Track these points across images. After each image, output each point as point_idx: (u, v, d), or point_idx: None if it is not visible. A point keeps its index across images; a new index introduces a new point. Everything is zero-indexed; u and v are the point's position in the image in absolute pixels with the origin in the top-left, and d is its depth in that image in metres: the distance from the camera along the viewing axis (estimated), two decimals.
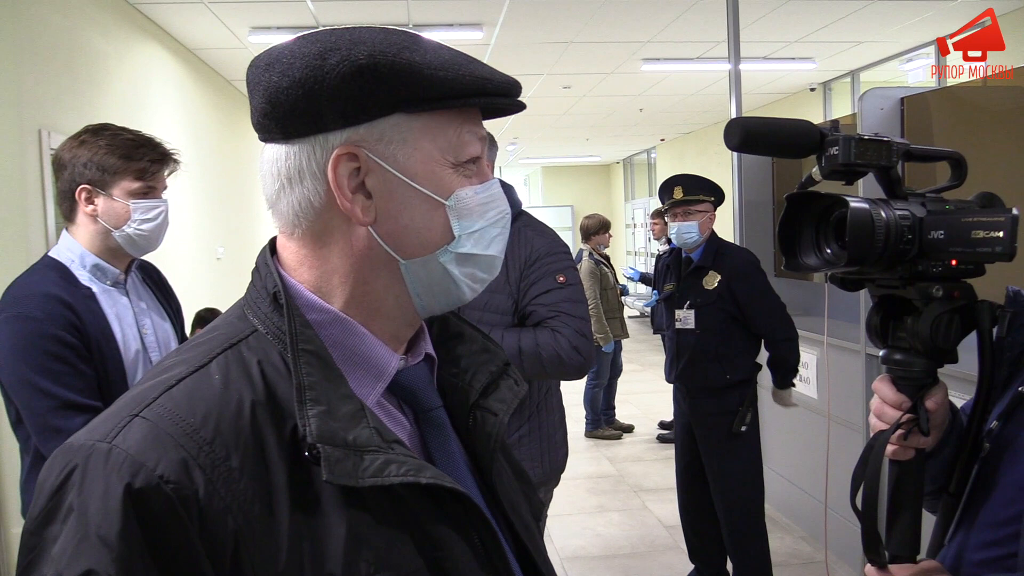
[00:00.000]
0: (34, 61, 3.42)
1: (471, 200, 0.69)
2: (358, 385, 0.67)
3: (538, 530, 0.82)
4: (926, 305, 0.91)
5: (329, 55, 0.64)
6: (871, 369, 3.30)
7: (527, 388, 0.82)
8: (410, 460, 0.62)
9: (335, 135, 0.65)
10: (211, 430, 0.59)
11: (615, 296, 5.78)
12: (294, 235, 0.69)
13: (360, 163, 0.65)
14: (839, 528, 3.27)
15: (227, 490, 0.57)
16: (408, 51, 0.64)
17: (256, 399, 0.62)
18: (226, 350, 0.65)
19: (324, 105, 0.64)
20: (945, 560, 0.96)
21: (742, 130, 0.89)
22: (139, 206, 1.67)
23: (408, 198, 0.67)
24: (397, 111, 0.65)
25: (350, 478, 0.59)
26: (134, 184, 1.67)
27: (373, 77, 0.63)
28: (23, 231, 3.20)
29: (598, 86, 7.88)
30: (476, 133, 0.70)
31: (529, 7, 5.18)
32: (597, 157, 15.37)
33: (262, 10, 5.03)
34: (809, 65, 7.07)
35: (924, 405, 0.94)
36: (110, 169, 1.65)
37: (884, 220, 0.87)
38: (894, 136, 0.90)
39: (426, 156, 0.67)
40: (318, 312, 0.67)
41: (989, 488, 0.92)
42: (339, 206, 0.66)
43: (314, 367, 0.63)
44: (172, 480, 0.56)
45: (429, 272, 0.69)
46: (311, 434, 0.60)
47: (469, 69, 0.67)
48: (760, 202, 4.54)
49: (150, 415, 0.59)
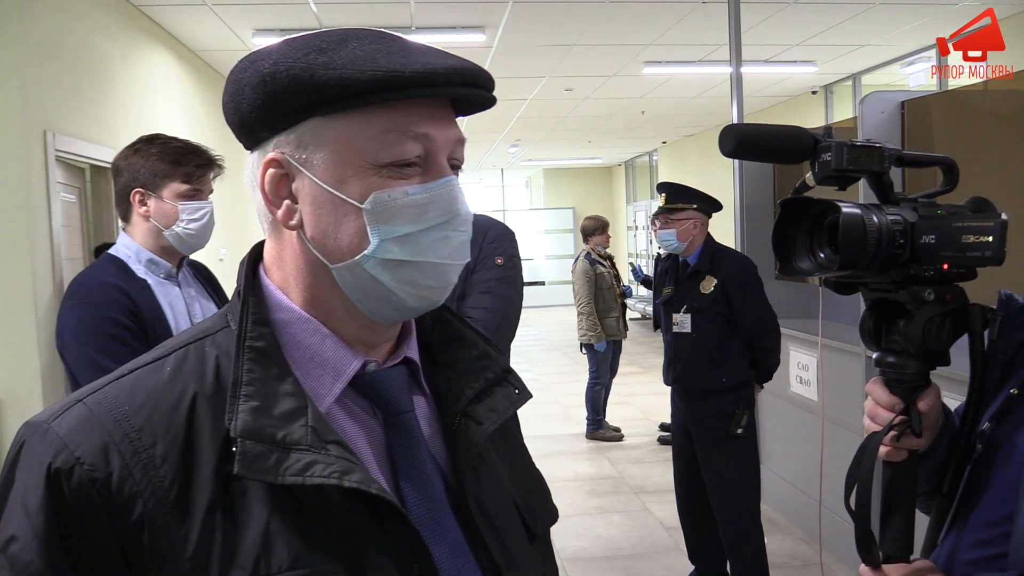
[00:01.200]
0: (40, 63, 3.44)
1: (398, 203, 0.66)
2: (316, 384, 0.68)
3: (527, 550, 0.77)
4: (918, 308, 0.93)
5: (247, 69, 0.67)
6: (871, 371, 3.31)
7: (531, 396, 0.80)
8: (340, 462, 0.62)
9: (268, 144, 0.68)
10: (142, 418, 0.62)
11: (612, 296, 5.81)
12: (267, 237, 0.73)
13: (285, 169, 0.68)
14: (838, 529, 3.27)
15: (143, 476, 0.60)
16: (317, 53, 0.64)
17: (200, 392, 0.64)
18: (192, 343, 0.69)
19: (248, 116, 0.67)
20: (938, 560, 0.97)
21: (736, 136, 0.90)
22: (187, 207, 1.84)
23: (325, 202, 0.66)
24: (312, 116, 0.65)
25: (269, 475, 0.60)
26: (182, 187, 1.84)
27: (275, 85, 0.64)
28: (28, 231, 3.22)
29: (600, 89, 7.89)
30: (408, 132, 0.66)
31: (532, 10, 5.20)
32: (599, 159, 15.37)
33: (265, 13, 5.05)
34: (810, 68, 7.08)
35: (917, 407, 0.95)
36: (160, 173, 1.83)
37: (876, 225, 0.88)
38: (886, 142, 0.91)
39: (341, 159, 0.66)
40: (285, 311, 0.69)
41: (981, 489, 0.93)
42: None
43: (258, 363, 0.65)
44: (88, 463, 0.60)
45: (356, 278, 0.67)
46: (234, 429, 0.61)
47: (377, 64, 0.63)
48: (761, 205, 4.55)
49: (90, 401, 0.64)
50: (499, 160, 14.74)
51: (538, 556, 0.79)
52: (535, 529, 0.79)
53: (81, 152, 3.75)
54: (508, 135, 11.20)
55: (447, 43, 5.77)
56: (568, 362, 9.30)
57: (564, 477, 5.09)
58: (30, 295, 3.21)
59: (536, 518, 0.80)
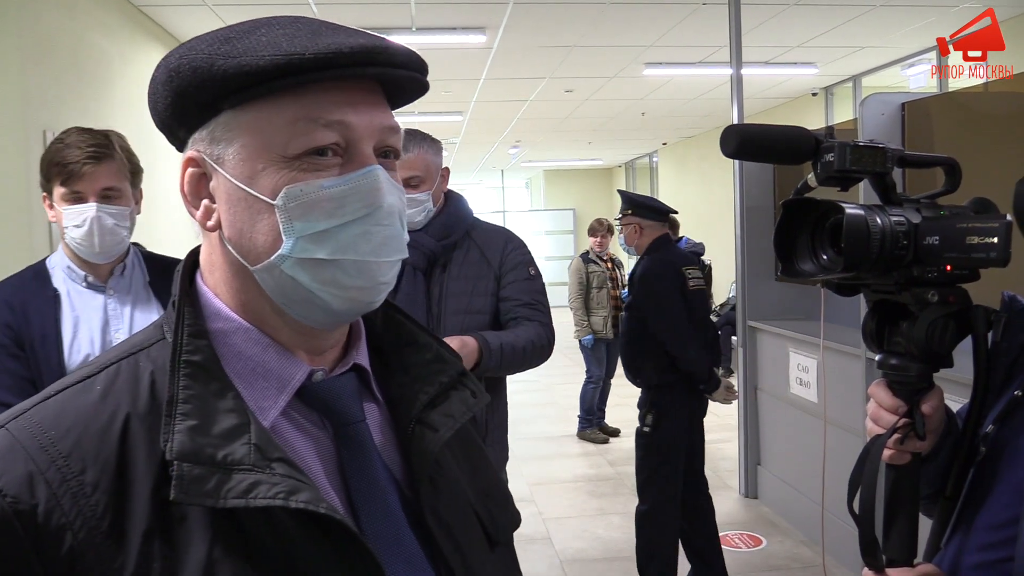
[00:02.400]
0: (40, 62, 3.44)
1: (312, 196, 0.61)
2: (259, 397, 0.64)
3: (488, 559, 0.74)
4: (921, 310, 0.92)
5: (159, 66, 0.64)
6: (871, 374, 3.30)
7: (487, 399, 0.77)
8: (286, 481, 0.58)
9: (187, 143, 0.65)
10: (70, 443, 0.58)
11: (602, 295, 5.90)
12: (202, 241, 0.69)
13: (203, 168, 0.65)
14: (839, 532, 3.27)
15: (72, 505, 0.56)
16: (221, 43, 0.61)
17: (134, 411, 0.60)
18: (124, 359, 0.64)
19: (164, 115, 0.65)
20: (942, 564, 0.96)
21: (738, 137, 0.90)
22: (69, 211, 1.64)
23: (239, 200, 0.63)
24: (222, 110, 0.62)
25: (209, 498, 0.56)
26: (60, 189, 1.64)
27: (180, 80, 0.62)
28: (27, 230, 3.22)
29: (600, 90, 7.89)
30: (319, 120, 0.61)
31: (532, 11, 5.20)
32: (599, 161, 15.37)
33: (265, 13, 5.02)
34: (811, 70, 7.08)
35: (920, 409, 0.94)
36: (46, 175, 1.65)
37: (879, 226, 0.87)
38: (889, 142, 0.90)
39: (252, 153, 0.62)
40: (224, 321, 0.65)
41: (985, 492, 0.93)
42: None
43: (195, 379, 0.60)
44: (11, 494, 0.55)
45: (276, 280, 0.63)
46: (170, 451, 0.57)
47: (278, 48, 0.59)
48: (761, 207, 4.55)
49: (14, 427, 0.59)
50: (499, 161, 14.74)
51: (500, 564, 0.76)
52: (496, 536, 0.76)
53: None
54: (508, 136, 11.21)
55: (447, 44, 5.77)
56: (568, 363, 9.28)
57: (563, 479, 5.08)
58: None
59: (497, 525, 0.77)
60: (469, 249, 2.03)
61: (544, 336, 2.00)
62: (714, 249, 8.91)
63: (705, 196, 11.22)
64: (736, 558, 3.75)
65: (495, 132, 10.72)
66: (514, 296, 2.02)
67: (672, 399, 3.18)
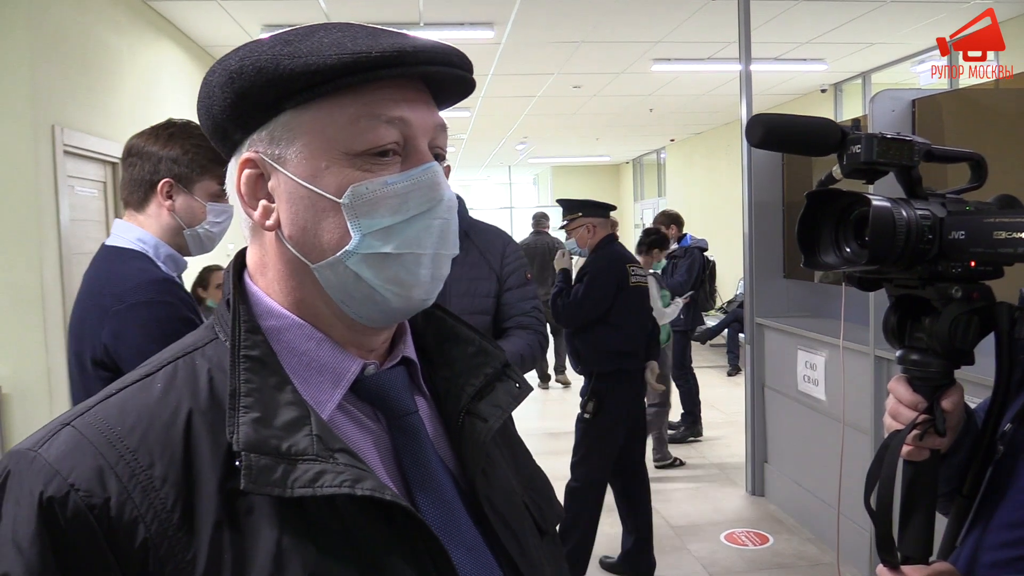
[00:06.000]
0: (48, 58, 3.44)
1: (377, 193, 0.63)
2: (316, 391, 0.65)
3: (541, 546, 0.76)
4: (944, 306, 0.91)
5: (215, 70, 0.65)
6: (879, 371, 3.29)
7: (531, 390, 0.78)
8: (350, 470, 0.59)
9: (243, 145, 0.66)
10: (137, 438, 0.59)
11: None
12: (249, 244, 0.71)
13: (260, 169, 0.66)
14: (845, 529, 3.26)
15: (143, 499, 0.57)
16: (283, 45, 0.62)
17: (196, 407, 0.61)
18: (180, 358, 0.65)
19: (220, 117, 0.66)
20: (958, 562, 0.95)
21: (764, 127, 0.89)
22: (214, 208, 1.68)
23: (302, 198, 0.64)
24: (283, 110, 0.63)
25: (277, 487, 0.57)
26: (215, 187, 1.67)
27: (242, 80, 0.62)
28: (36, 223, 3.23)
29: (608, 86, 7.88)
30: (381, 116, 0.63)
31: (540, 6, 5.19)
32: (607, 157, 15.35)
33: (274, 7, 5.05)
34: (820, 66, 7.06)
35: (940, 405, 0.93)
36: (199, 168, 1.66)
37: (905, 219, 0.86)
38: (916, 136, 0.90)
39: (315, 152, 0.63)
40: (276, 318, 0.67)
41: (1003, 490, 0.92)
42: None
43: (255, 373, 0.62)
44: (83, 488, 0.56)
45: (339, 277, 0.65)
46: (237, 442, 0.58)
47: (343, 48, 0.61)
48: (770, 203, 4.53)
49: (79, 424, 0.60)
50: (507, 157, 14.74)
51: (549, 553, 0.78)
52: (545, 526, 0.78)
53: (88, 147, 3.75)
54: (516, 132, 11.20)
55: (456, 39, 5.76)
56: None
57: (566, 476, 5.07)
58: (37, 289, 3.21)
59: (545, 515, 0.79)
60: (468, 250, 2.07)
61: (538, 345, 2.12)
62: (721, 245, 8.89)
63: (713, 192, 11.21)
64: (742, 555, 3.75)
65: (503, 128, 10.72)
66: (513, 303, 2.12)
67: (613, 389, 3.43)
